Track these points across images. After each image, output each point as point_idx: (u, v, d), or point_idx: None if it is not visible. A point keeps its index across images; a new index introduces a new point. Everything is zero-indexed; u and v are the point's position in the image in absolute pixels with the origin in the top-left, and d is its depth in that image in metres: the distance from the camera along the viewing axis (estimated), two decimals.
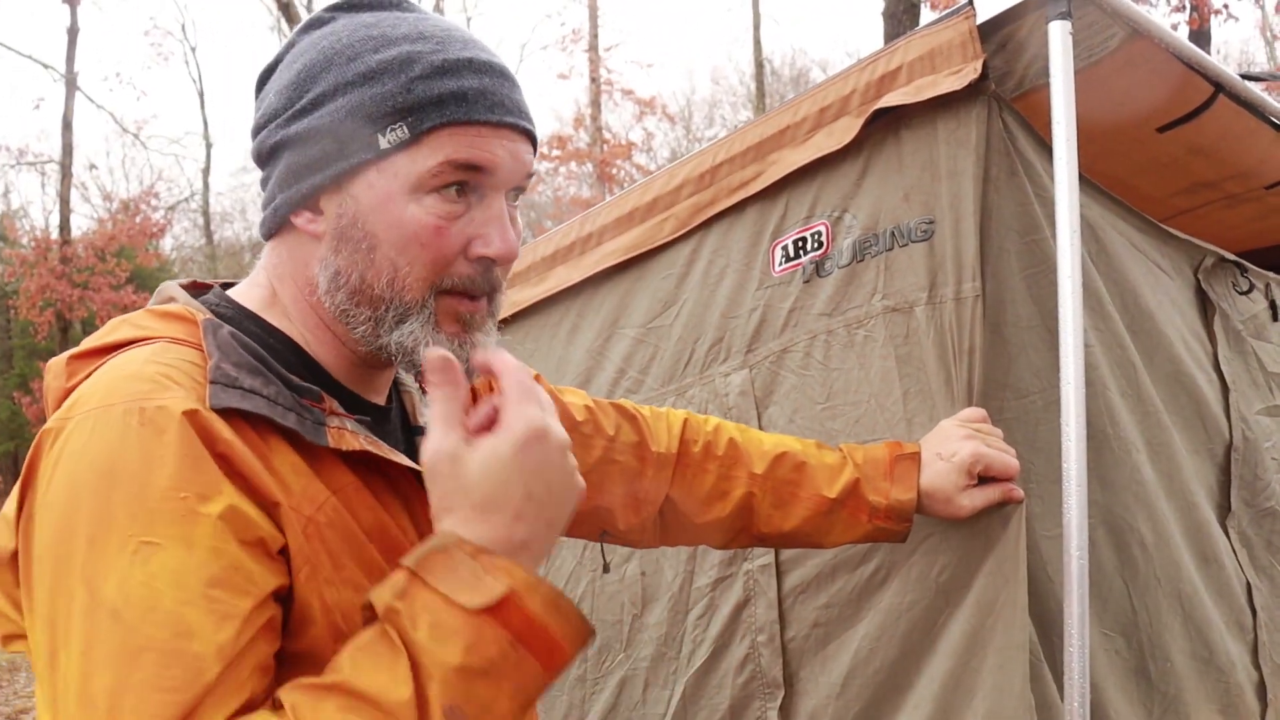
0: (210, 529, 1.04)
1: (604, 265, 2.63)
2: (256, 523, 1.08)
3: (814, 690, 2.13)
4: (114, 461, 1.04)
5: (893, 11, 11.98)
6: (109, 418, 1.07)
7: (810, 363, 2.17)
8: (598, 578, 2.58)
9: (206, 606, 1.01)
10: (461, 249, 1.26)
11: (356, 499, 1.23)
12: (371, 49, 1.24)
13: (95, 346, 1.22)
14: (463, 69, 1.24)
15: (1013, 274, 1.98)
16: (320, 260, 1.28)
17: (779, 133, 2.25)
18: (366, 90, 1.22)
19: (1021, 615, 1.78)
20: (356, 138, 1.23)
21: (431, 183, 1.23)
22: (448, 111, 1.22)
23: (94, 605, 1.00)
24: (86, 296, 27.84)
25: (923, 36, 2.02)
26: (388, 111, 1.21)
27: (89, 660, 0.98)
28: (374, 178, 1.23)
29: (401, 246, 1.23)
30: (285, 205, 1.28)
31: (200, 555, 1.02)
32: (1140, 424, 2.14)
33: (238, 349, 1.20)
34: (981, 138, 1.94)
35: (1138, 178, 2.79)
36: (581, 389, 2.02)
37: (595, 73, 29.35)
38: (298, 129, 1.25)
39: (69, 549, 1.02)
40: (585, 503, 1.80)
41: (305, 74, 1.26)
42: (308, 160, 1.25)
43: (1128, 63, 2.15)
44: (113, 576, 1.00)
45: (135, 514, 1.02)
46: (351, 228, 1.25)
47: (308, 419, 1.20)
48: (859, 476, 1.84)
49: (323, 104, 1.24)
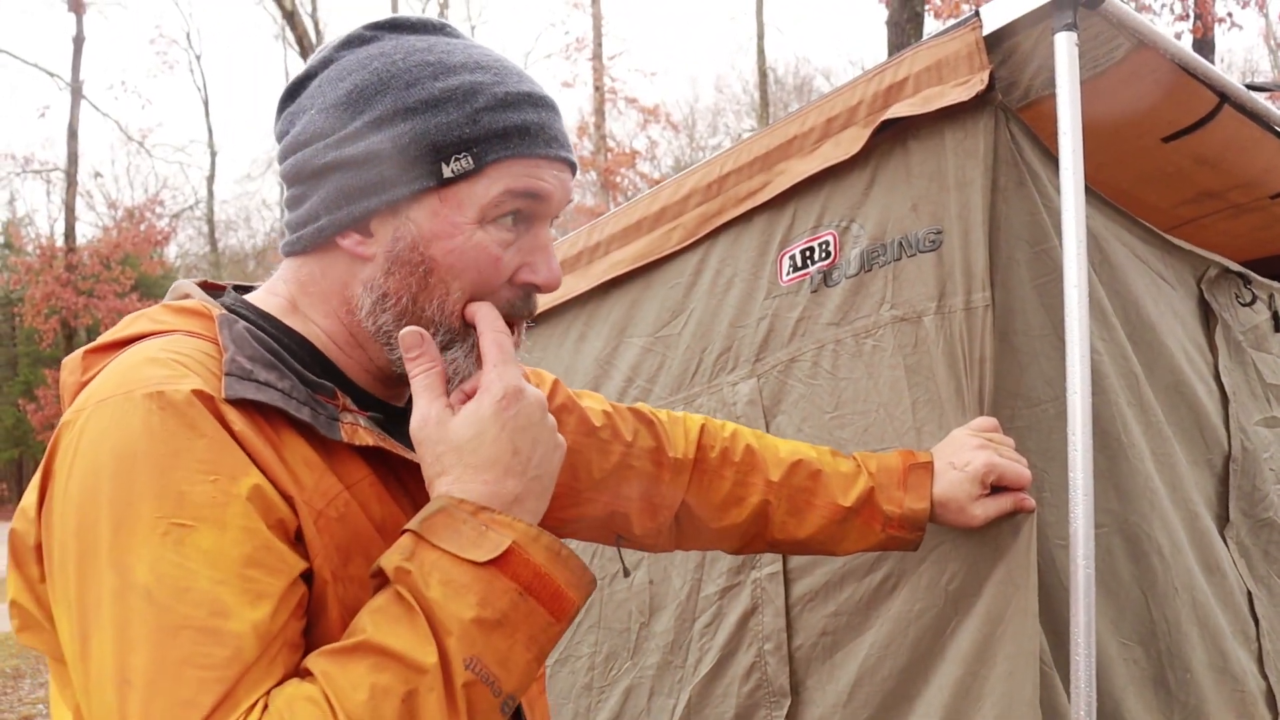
0: (241, 509, 1.05)
1: (612, 274, 2.64)
2: (277, 504, 1.10)
3: (821, 699, 2.13)
4: (135, 446, 1.05)
5: (897, 20, 12.00)
6: (128, 404, 1.08)
7: (818, 372, 2.18)
8: (606, 585, 2.59)
9: (241, 586, 1.02)
10: (509, 276, 1.29)
11: (369, 493, 1.24)
12: (431, 75, 1.25)
13: (111, 341, 1.23)
14: (523, 103, 1.27)
15: (1023, 283, 1.99)
16: (365, 282, 1.29)
17: (786, 143, 2.26)
18: (431, 118, 1.23)
19: (1032, 623, 1.78)
20: (419, 165, 1.24)
21: (493, 212, 1.25)
22: (512, 145, 1.25)
23: (125, 588, 1.00)
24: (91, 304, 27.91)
25: (929, 47, 2.02)
26: (453, 141, 1.23)
27: (123, 640, 0.99)
28: (436, 205, 1.25)
29: (459, 272, 1.26)
30: (333, 226, 1.28)
31: (234, 535, 1.04)
32: (1145, 433, 2.15)
33: (252, 343, 1.22)
34: (989, 148, 1.95)
35: (1142, 188, 2.80)
36: None
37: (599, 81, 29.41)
38: (352, 151, 1.25)
39: (94, 535, 1.03)
40: (601, 507, 1.81)
41: (358, 94, 1.26)
42: (362, 183, 1.25)
43: (1133, 73, 2.15)
44: (144, 559, 1.01)
45: (163, 496, 1.03)
46: (409, 251, 1.26)
47: (321, 414, 1.22)
48: (873, 485, 1.84)
49: (381, 128, 1.24)
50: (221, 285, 1.39)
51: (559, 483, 1.75)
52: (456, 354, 1.28)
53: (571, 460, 1.77)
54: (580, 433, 1.79)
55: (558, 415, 1.77)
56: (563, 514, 1.81)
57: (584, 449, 1.78)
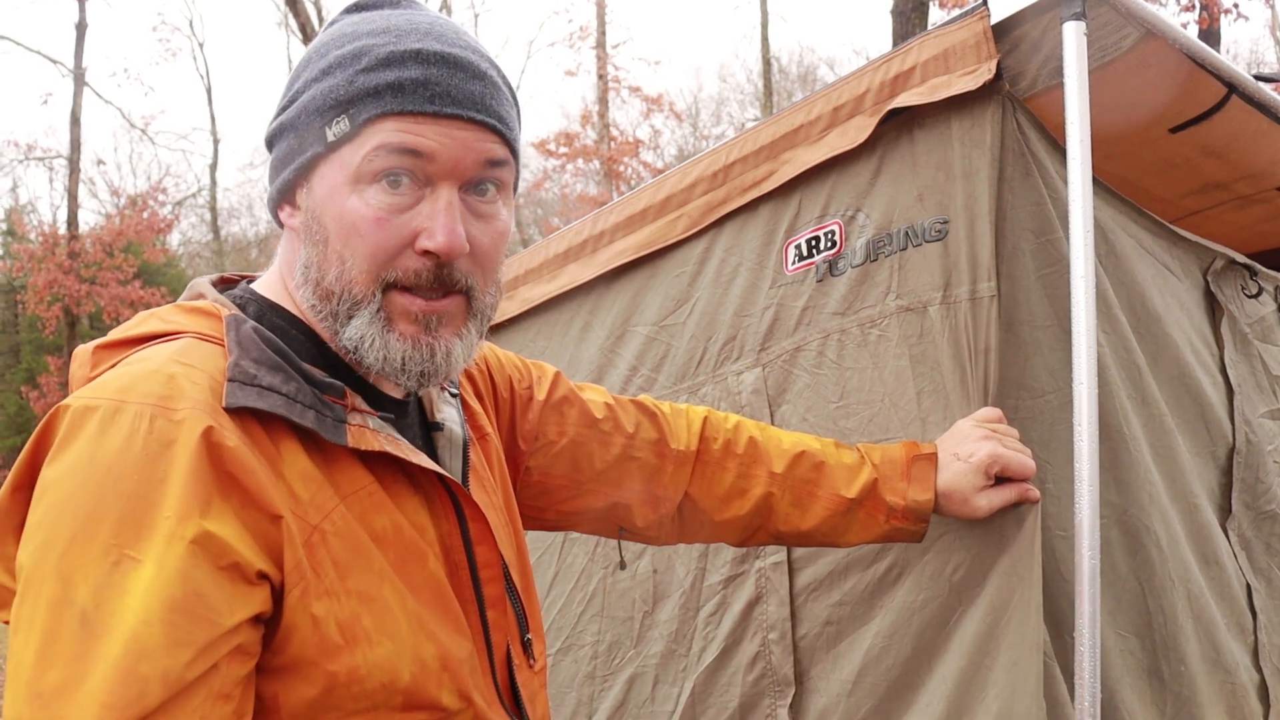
0: (181, 553, 1.04)
1: (616, 263, 2.64)
2: (233, 548, 1.07)
3: (825, 688, 2.13)
4: (116, 465, 1.05)
5: (901, 9, 11.98)
6: (121, 416, 1.08)
7: (824, 361, 2.17)
8: (609, 575, 2.59)
9: (164, 631, 1.01)
10: (407, 242, 1.24)
11: (370, 502, 1.24)
12: (336, 45, 1.26)
13: (122, 338, 1.23)
14: (407, 60, 1.23)
15: (1028, 274, 1.98)
16: (297, 254, 1.30)
17: (792, 131, 2.25)
18: (322, 84, 1.25)
19: (1036, 615, 1.78)
20: (310, 132, 1.25)
21: (369, 171, 1.22)
22: (384, 102, 1.22)
23: (63, 602, 1.00)
24: (94, 292, 27.88)
25: (937, 36, 2.01)
26: (332, 105, 1.23)
27: (47, 654, 0.99)
28: (325, 170, 1.25)
29: (344, 238, 1.23)
30: (271, 201, 1.33)
31: (168, 577, 1.02)
32: (1145, 426, 2.14)
33: (259, 344, 1.21)
34: (996, 138, 1.94)
35: (1148, 178, 2.79)
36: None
37: (603, 70, 29.35)
38: (278, 124, 1.30)
39: (52, 537, 1.03)
40: (603, 499, 1.81)
41: (295, 71, 1.30)
42: (283, 155, 1.29)
43: (1141, 63, 2.14)
44: (90, 580, 1.01)
45: (125, 524, 1.03)
46: (312, 221, 1.27)
47: (328, 417, 1.21)
48: (877, 477, 1.84)
49: (295, 100, 1.28)
50: (238, 278, 1.39)
51: (560, 475, 1.77)
52: (359, 323, 1.24)
53: (573, 453, 1.78)
54: (582, 425, 1.79)
55: (558, 408, 1.77)
56: (564, 506, 1.82)
57: (585, 441, 1.79)
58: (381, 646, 1.18)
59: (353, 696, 1.15)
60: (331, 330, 1.28)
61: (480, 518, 1.36)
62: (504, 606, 1.40)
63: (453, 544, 1.33)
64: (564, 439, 1.77)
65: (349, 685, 1.15)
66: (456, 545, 1.34)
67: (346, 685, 1.15)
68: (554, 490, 1.79)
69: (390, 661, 1.19)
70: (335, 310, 1.26)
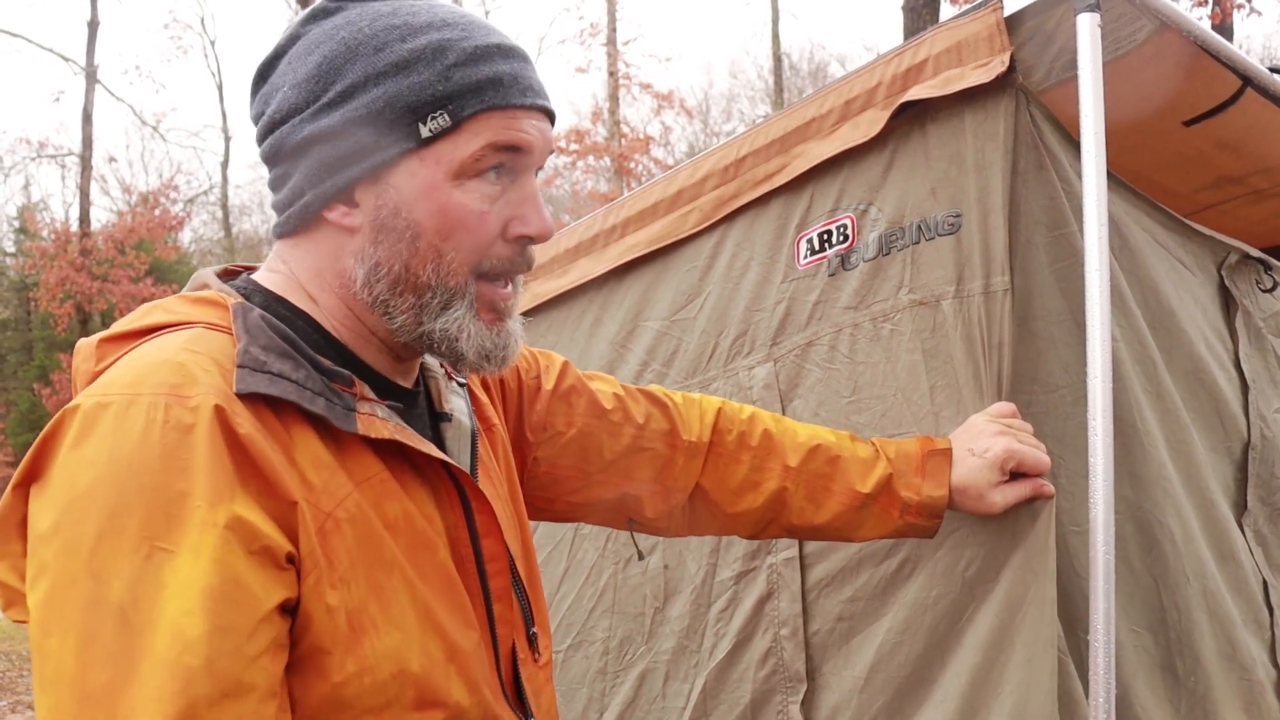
0: (215, 539, 1.03)
1: (627, 258, 2.63)
2: (262, 531, 1.07)
3: (837, 684, 2.12)
4: (136, 457, 1.04)
5: (912, 5, 11.96)
6: (135, 408, 1.07)
7: (836, 356, 2.16)
8: (620, 570, 2.58)
9: (205, 619, 1.01)
10: (501, 230, 1.28)
11: (382, 490, 1.23)
12: (398, 38, 1.24)
13: (127, 330, 1.22)
14: (494, 55, 1.26)
15: (1041, 268, 1.97)
16: (355, 253, 1.28)
17: (804, 125, 2.24)
18: (402, 80, 1.23)
19: (1050, 610, 1.77)
20: (396, 128, 1.23)
21: (474, 168, 1.25)
22: (487, 97, 1.24)
23: (99, 600, 1.00)
24: (106, 289, 27.99)
25: (949, 29, 2.00)
26: (428, 100, 1.22)
27: (88, 655, 0.99)
28: (415, 167, 1.24)
29: (447, 233, 1.25)
30: (318, 200, 1.27)
31: (205, 565, 1.02)
32: (1160, 421, 2.13)
33: (267, 332, 1.20)
34: (1010, 131, 1.93)
35: (1162, 172, 2.77)
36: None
37: (613, 67, 29.33)
38: (328, 123, 1.24)
39: (78, 535, 1.02)
40: (612, 490, 1.80)
41: (327, 66, 1.25)
42: (342, 153, 1.25)
43: (1155, 56, 2.13)
44: (123, 575, 1.00)
45: (152, 516, 1.03)
46: (393, 218, 1.25)
47: (337, 404, 1.20)
48: (892, 472, 1.83)
49: (354, 96, 1.23)
50: (240, 269, 1.38)
51: (568, 465, 1.76)
52: (458, 312, 1.28)
53: (582, 444, 1.77)
54: (590, 415, 1.78)
55: (566, 398, 1.77)
56: (573, 497, 1.81)
57: (594, 431, 1.78)
58: (390, 636, 1.18)
59: (366, 691, 1.14)
60: (409, 324, 1.29)
61: (487, 509, 1.35)
62: (510, 600, 1.39)
63: (459, 536, 1.33)
64: (572, 429, 1.76)
65: (361, 677, 1.14)
66: (463, 538, 1.33)
67: (359, 677, 1.14)
68: (562, 481, 1.78)
69: (398, 650, 1.18)
70: (425, 303, 1.28)
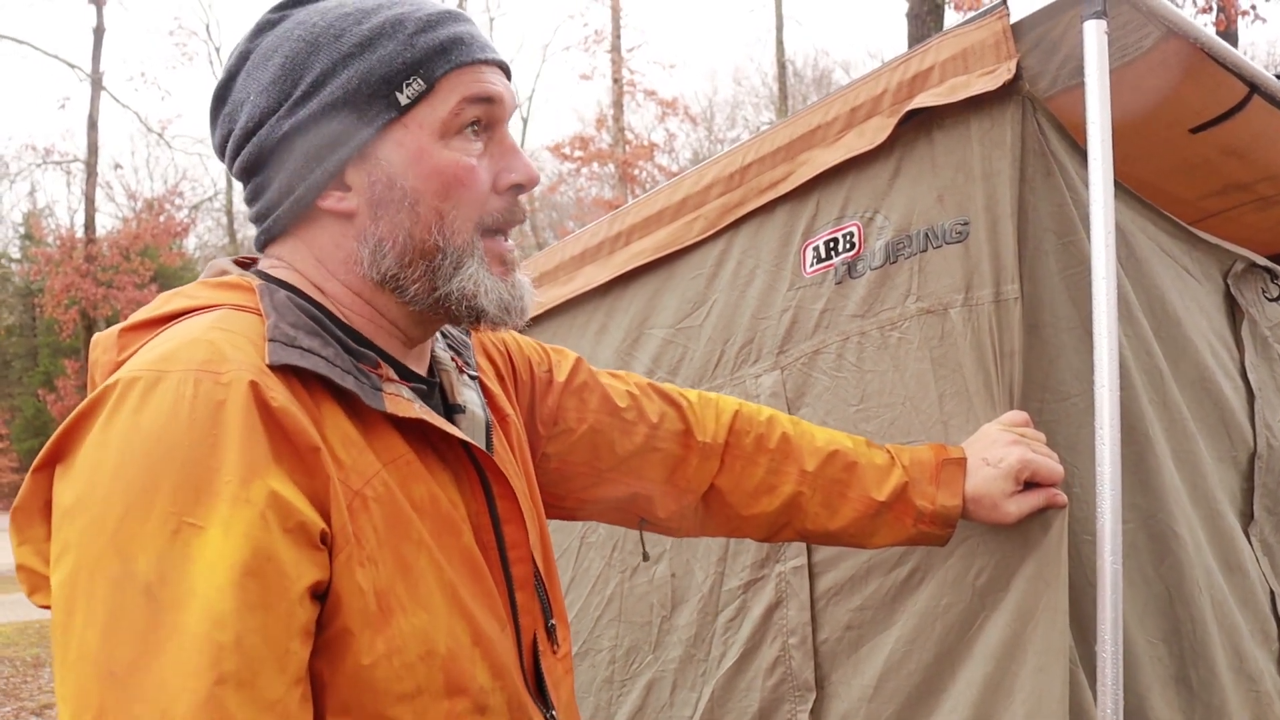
0: (249, 515, 1.03)
1: (633, 265, 2.62)
2: (297, 508, 1.07)
3: (846, 693, 2.12)
4: (165, 433, 1.04)
5: (917, 13, 11.98)
6: (165, 384, 1.06)
7: (843, 364, 2.16)
8: (627, 579, 2.58)
9: (236, 595, 1.00)
10: (491, 184, 1.32)
11: (408, 471, 1.23)
12: (354, 22, 1.28)
13: (149, 318, 1.22)
14: (446, 20, 1.31)
15: (1051, 275, 1.96)
16: (357, 235, 1.30)
17: (809, 132, 2.23)
18: (370, 56, 1.26)
19: (1062, 620, 1.76)
20: (374, 102, 1.26)
21: (455, 124, 1.28)
22: (454, 56, 1.28)
23: (125, 577, 0.99)
24: (111, 295, 28.05)
25: (955, 36, 2.00)
26: (399, 68, 1.26)
27: (113, 633, 0.98)
28: (400, 135, 1.27)
29: (445, 192, 1.28)
30: (310, 191, 1.29)
31: (236, 542, 1.01)
32: (1167, 430, 2.12)
33: (295, 310, 1.22)
34: (1017, 138, 1.92)
35: (1168, 180, 2.77)
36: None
37: (617, 73, 29.40)
38: (306, 113, 1.27)
39: (103, 512, 1.02)
40: (624, 488, 1.81)
41: (291, 65, 1.27)
42: (326, 140, 1.27)
43: (1161, 63, 2.13)
44: (149, 552, 1.00)
45: (181, 491, 1.02)
46: (389, 190, 1.27)
47: (365, 383, 1.21)
48: (907, 480, 1.82)
49: (325, 83, 1.26)
50: (252, 259, 1.39)
51: (579, 462, 1.76)
52: (471, 268, 1.30)
53: (593, 440, 1.77)
54: (603, 412, 1.78)
55: (578, 393, 1.77)
56: (583, 494, 1.81)
57: (606, 429, 1.78)
58: (417, 616, 1.17)
59: (396, 674, 1.14)
60: (422, 291, 1.30)
61: (509, 495, 1.36)
62: (531, 589, 1.39)
63: (482, 523, 1.33)
64: (583, 425, 1.76)
65: (390, 658, 1.14)
66: (485, 524, 1.33)
67: (388, 658, 1.13)
68: (573, 478, 1.78)
69: (426, 631, 1.18)
70: (436, 266, 1.29)
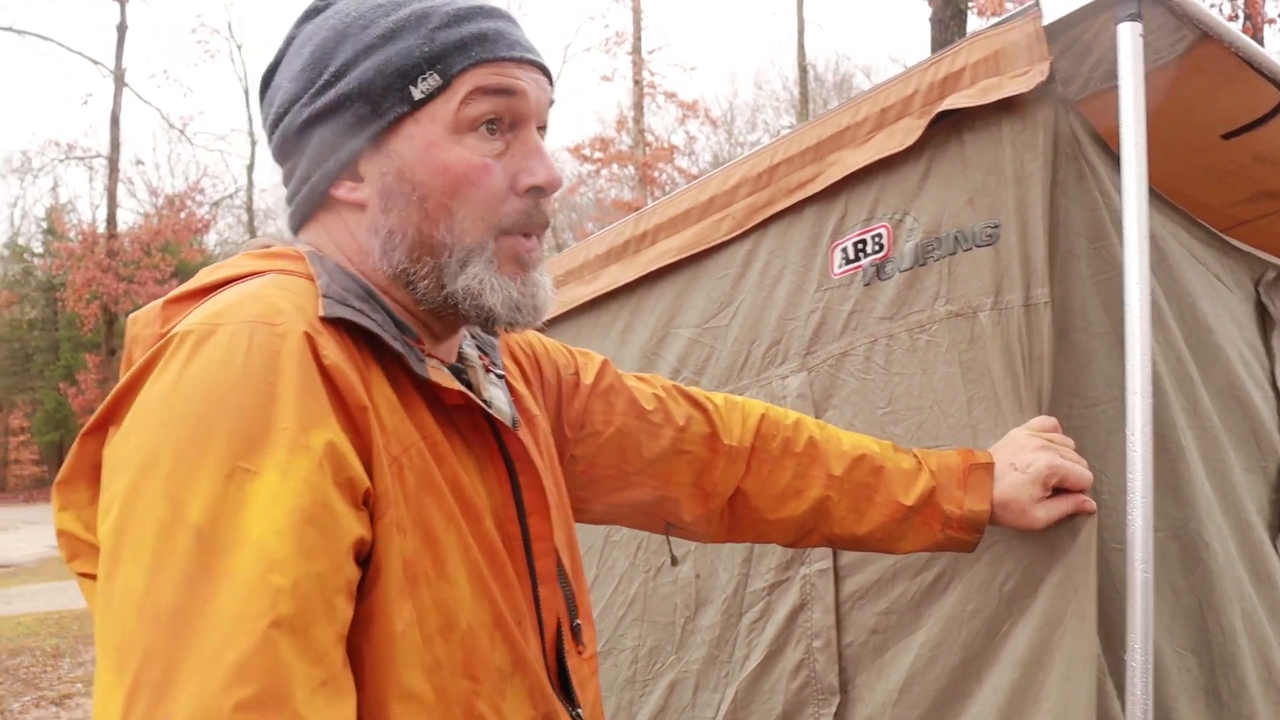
0: (309, 462, 1.03)
1: (658, 264, 2.61)
2: (350, 462, 1.07)
3: (870, 697, 2.10)
4: (218, 379, 1.03)
5: (940, 17, 11.95)
6: (220, 334, 1.06)
7: (871, 366, 2.15)
8: (650, 578, 2.57)
9: (294, 540, 0.99)
10: (509, 186, 1.29)
11: (440, 450, 1.23)
12: (383, 14, 1.27)
13: (194, 288, 1.21)
14: (476, 15, 1.28)
15: (1082, 280, 1.95)
16: (369, 227, 1.29)
17: (839, 133, 2.22)
18: (390, 49, 1.25)
19: (1090, 627, 1.75)
20: (388, 95, 1.25)
21: (468, 118, 1.26)
22: (473, 52, 1.26)
23: (175, 522, 0.98)
24: (132, 290, 28.21)
25: (987, 37, 1.98)
26: (415, 62, 1.25)
27: (159, 575, 0.96)
28: (412, 129, 1.26)
29: (453, 190, 1.26)
30: (324, 179, 1.30)
31: (294, 485, 1.01)
32: (1197, 439, 2.10)
33: (345, 276, 1.23)
34: (1049, 141, 1.91)
35: (1198, 186, 2.75)
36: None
37: (638, 75, 29.43)
38: (325, 101, 1.27)
39: (155, 458, 1.01)
40: (650, 491, 1.80)
41: (320, 53, 1.28)
42: (340, 129, 1.27)
43: (1195, 67, 2.11)
44: (201, 496, 0.99)
45: (235, 437, 1.01)
46: (398, 183, 1.27)
47: (410, 352, 1.22)
48: (934, 485, 1.81)
49: (346, 73, 1.26)
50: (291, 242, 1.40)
51: (606, 465, 1.76)
52: (477, 268, 1.27)
53: (620, 443, 1.77)
54: (630, 415, 1.77)
55: (605, 396, 1.76)
56: (610, 498, 1.80)
57: (633, 432, 1.77)
58: (440, 589, 1.17)
59: (415, 645, 1.13)
60: (431, 288, 1.29)
61: (536, 486, 1.35)
62: (555, 585, 1.38)
63: (507, 514, 1.32)
64: (610, 428, 1.76)
65: (411, 628, 1.12)
66: (510, 515, 1.32)
67: (412, 627, 1.13)
68: (600, 480, 1.78)
69: (447, 605, 1.17)
70: (443, 263, 1.28)
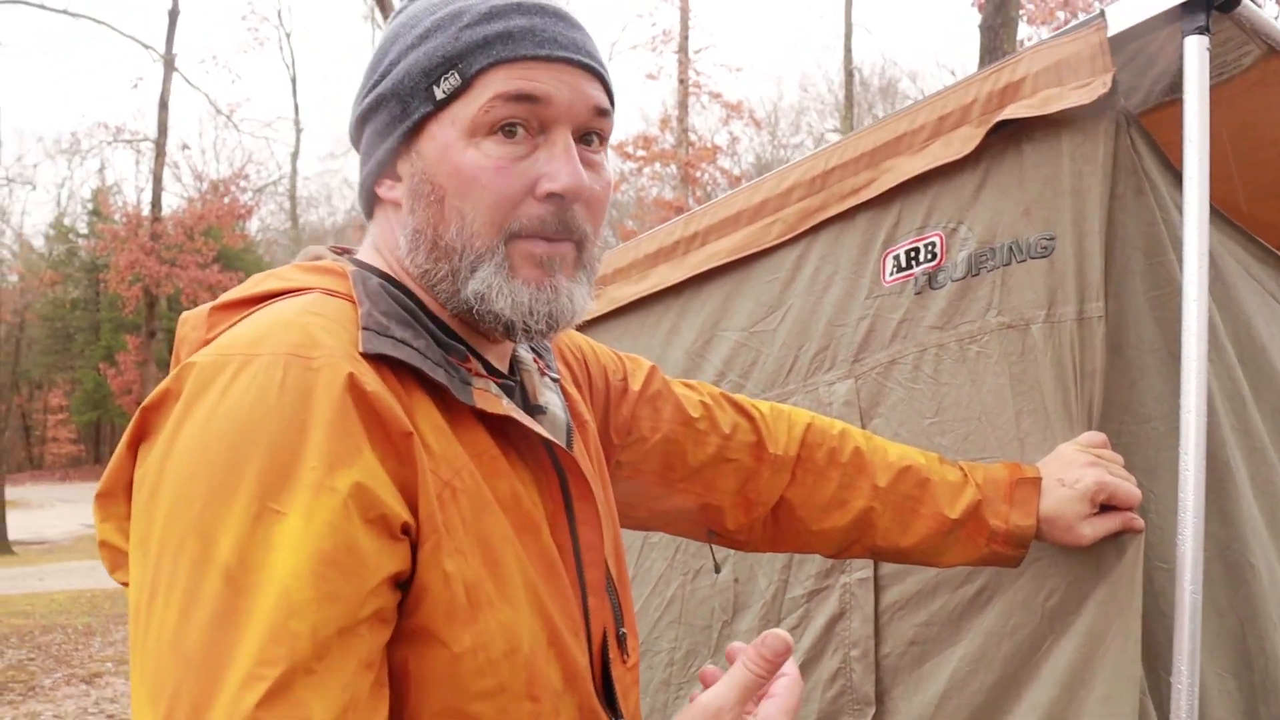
0: (333, 504, 1.02)
1: (707, 266, 2.60)
2: (381, 499, 1.06)
3: (906, 709, 2.09)
4: (252, 415, 1.03)
5: (990, 24, 11.85)
6: (254, 366, 1.06)
7: (919, 376, 2.13)
8: (689, 581, 2.56)
9: (313, 584, 0.99)
10: (528, 189, 1.24)
11: (493, 467, 1.22)
12: (429, 13, 1.27)
13: (241, 298, 1.22)
14: (509, 12, 1.24)
15: (1136, 295, 1.92)
16: (401, 225, 1.29)
17: (894, 140, 2.21)
18: (421, 48, 1.25)
19: (1134, 648, 1.72)
20: (415, 95, 1.25)
21: (485, 122, 1.23)
22: (494, 51, 1.22)
23: (205, 560, 0.98)
24: (174, 273, 28.46)
25: (1050, 47, 1.96)
26: (439, 62, 1.24)
27: (190, 615, 0.97)
28: (434, 130, 1.25)
29: (463, 192, 1.23)
30: (369, 178, 1.32)
31: (317, 529, 1.00)
32: (1247, 459, 2.07)
33: (387, 299, 1.21)
34: (1109, 155, 1.88)
35: (1255, 202, 2.71)
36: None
37: (684, 74, 29.39)
38: (370, 100, 1.30)
39: (188, 494, 1.01)
40: (694, 498, 1.79)
41: (379, 51, 1.32)
42: (380, 128, 1.29)
43: (1260, 82, 2.09)
44: (231, 534, 0.99)
45: (265, 476, 1.01)
46: (422, 184, 1.26)
47: (455, 376, 1.20)
48: (980, 498, 1.79)
49: (390, 72, 1.28)
50: (346, 249, 1.40)
51: (651, 472, 1.75)
52: (486, 273, 1.24)
53: (666, 450, 1.76)
54: (676, 422, 1.77)
55: (652, 402, 1.75)
56: (655, 505, 1.80)
57: (679, 439, 1.77)
58: (503, 612, 1.16)
59: (481, 670, 1.12)
60: (449, 292, 1.27)
61: (588, 497, 1.33)
62: (603, 595, 1.37)
63: (558, 524, 1.30)
64: (657, 435, 1.75)
65: (476, 653, 1.12)
66: (561, 525, 1.31)
67: (474, 653, 1.12)
68: (645, 487, 1.77)
69: (510, 628, 1.16)
70: (456, 267, 1.25)
